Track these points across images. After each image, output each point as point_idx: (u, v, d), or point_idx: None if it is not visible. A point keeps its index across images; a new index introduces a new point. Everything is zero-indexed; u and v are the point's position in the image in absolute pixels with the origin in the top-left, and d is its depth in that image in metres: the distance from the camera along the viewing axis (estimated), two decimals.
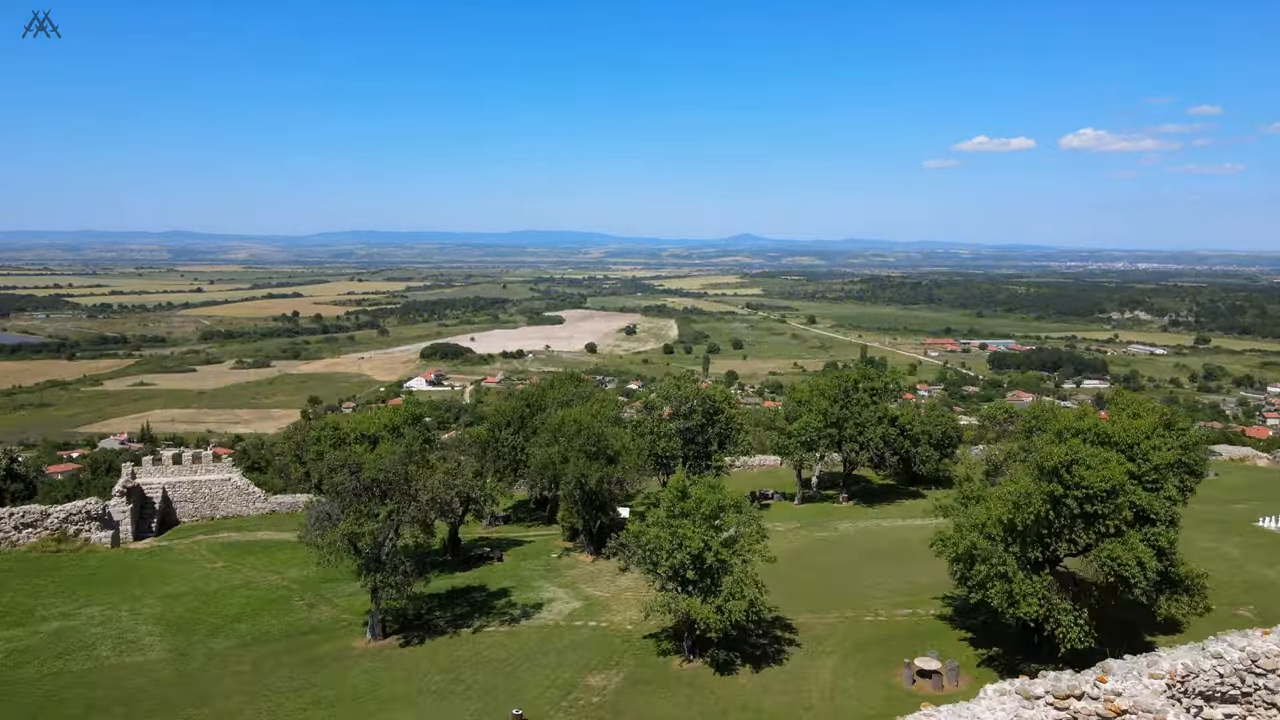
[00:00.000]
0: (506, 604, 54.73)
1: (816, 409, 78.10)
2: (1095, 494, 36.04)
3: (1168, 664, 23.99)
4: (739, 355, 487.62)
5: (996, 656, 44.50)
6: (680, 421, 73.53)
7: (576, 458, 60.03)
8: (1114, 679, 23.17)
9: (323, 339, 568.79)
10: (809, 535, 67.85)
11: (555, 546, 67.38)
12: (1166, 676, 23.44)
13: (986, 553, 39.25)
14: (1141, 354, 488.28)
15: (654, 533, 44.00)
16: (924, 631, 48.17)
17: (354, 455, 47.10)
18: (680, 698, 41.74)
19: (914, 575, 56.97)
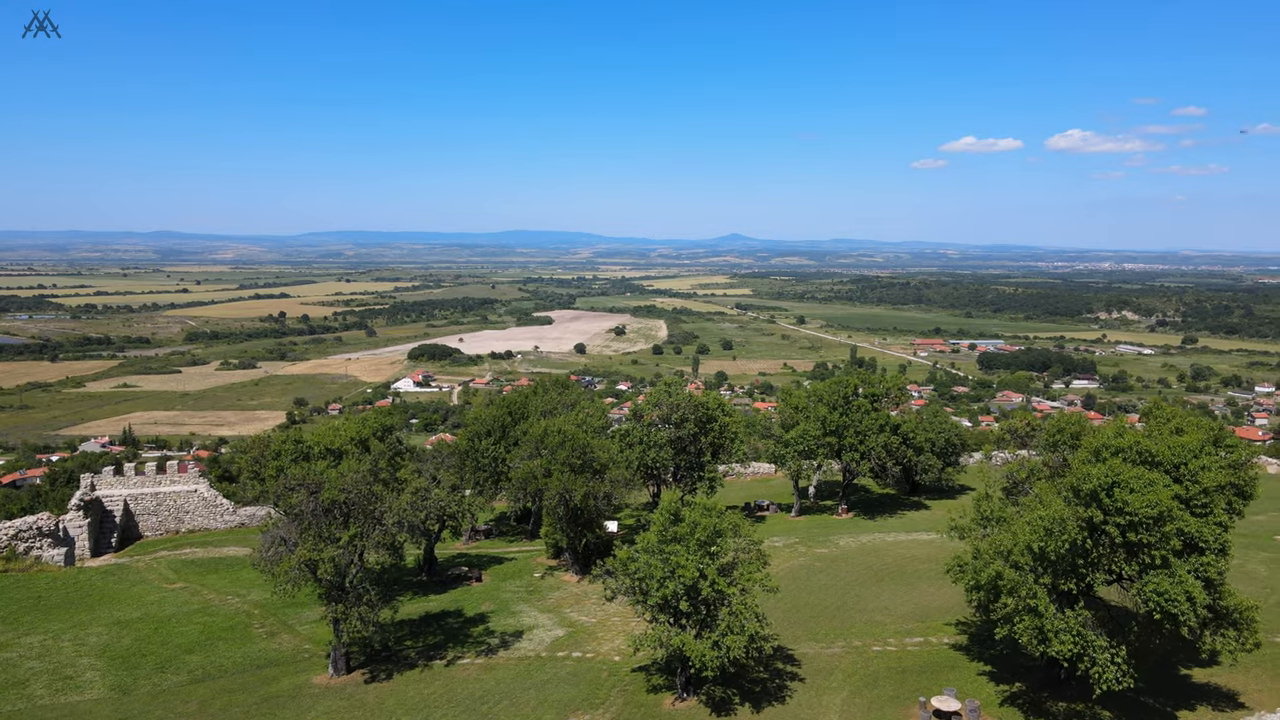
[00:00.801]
0: (484, 632, 50.46)
1: (814, 416, 74.14)
2: (1140, 521, 32.13)
3: None
4: (728, 356, 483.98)
5: (1020, 694, 40.52)
6: (671, 430, 69.42)
7: (560, 471, 55.83)
8: None
9: (310, 340, 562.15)
10: (808, 552, 63.82)
11: (538, 565, 63.14)
12: None
13: (1014, 584, 35.26)
14: (1130, 354, 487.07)
15: (644, 560, 39.86)
16: (938, 663, 44.18)
17: (313, 473, 42.78)
18: None
19: (923, 598, 53.03)
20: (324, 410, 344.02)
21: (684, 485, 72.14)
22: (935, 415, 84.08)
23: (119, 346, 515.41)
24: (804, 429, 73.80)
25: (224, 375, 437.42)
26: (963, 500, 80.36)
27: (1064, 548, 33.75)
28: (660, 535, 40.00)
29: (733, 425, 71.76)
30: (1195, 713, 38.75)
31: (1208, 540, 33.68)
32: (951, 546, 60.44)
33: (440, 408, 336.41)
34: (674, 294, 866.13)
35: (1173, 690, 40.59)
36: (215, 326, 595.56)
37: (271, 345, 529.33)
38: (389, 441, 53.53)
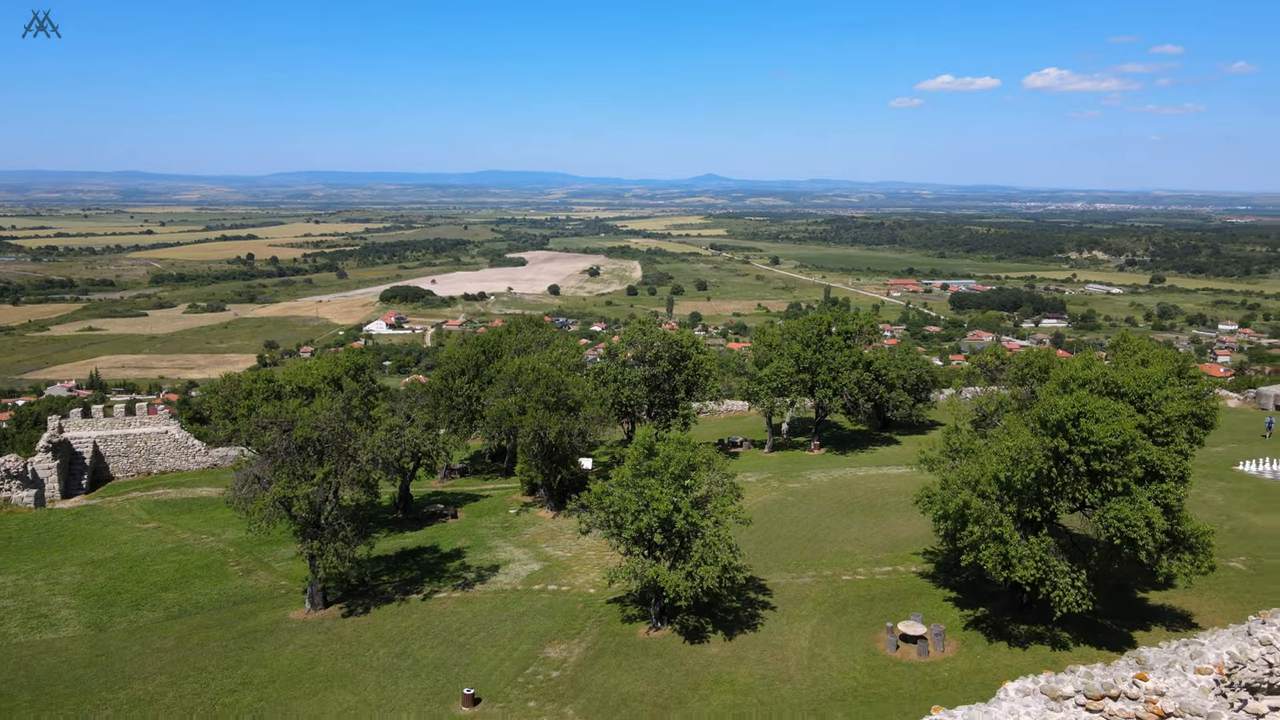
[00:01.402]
0: (460, 566, 50.98)
1: (788, 354, 74.52)
2: (1104, 450, 32.80)
3: (1213, 655, 20.74)
4: (703, 296, 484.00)
5: (984, 618, 41.71)
6: (645, 368, 69.55)
7: (535, 409, 55.91)
8: (1155, 675, 19.88)
9: (279, 282, 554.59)
10: (780, 486, 64.73)
11: (513, 502, 63.62)
12: (1214, 671, 20.20)
13: (980, 513, 36.02)
14: (1098, 293, 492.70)
15: (619, 494, 40.23)
16: (906, 591, 45.29)
17: (285, 412, 42.53)
18: (647, 670, 38.47)
19: (893, 529, 54.12)
20: (295, 353, 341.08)
21: (658, 422, 72.56)
22: (907, 353, 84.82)
23: (82, 289, 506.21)
24: (777, 366, 74.23)
25: (192, 318, 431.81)
26: (933, 435, 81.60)
27: (1030, 477, 34.45)
28: (635, 469, 40.34)
29: (706, 363, 72.05)
30: (1150, 633, 40.12)
31: (1168, 468, 34.50)
32: (921, 480, 61.57)
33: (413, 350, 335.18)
34: (648, 234, 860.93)
35: (1129, 612, 41.98)
36: (181, 269, 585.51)
37: (240, 288, 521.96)
38: (362, 380, 53.22)
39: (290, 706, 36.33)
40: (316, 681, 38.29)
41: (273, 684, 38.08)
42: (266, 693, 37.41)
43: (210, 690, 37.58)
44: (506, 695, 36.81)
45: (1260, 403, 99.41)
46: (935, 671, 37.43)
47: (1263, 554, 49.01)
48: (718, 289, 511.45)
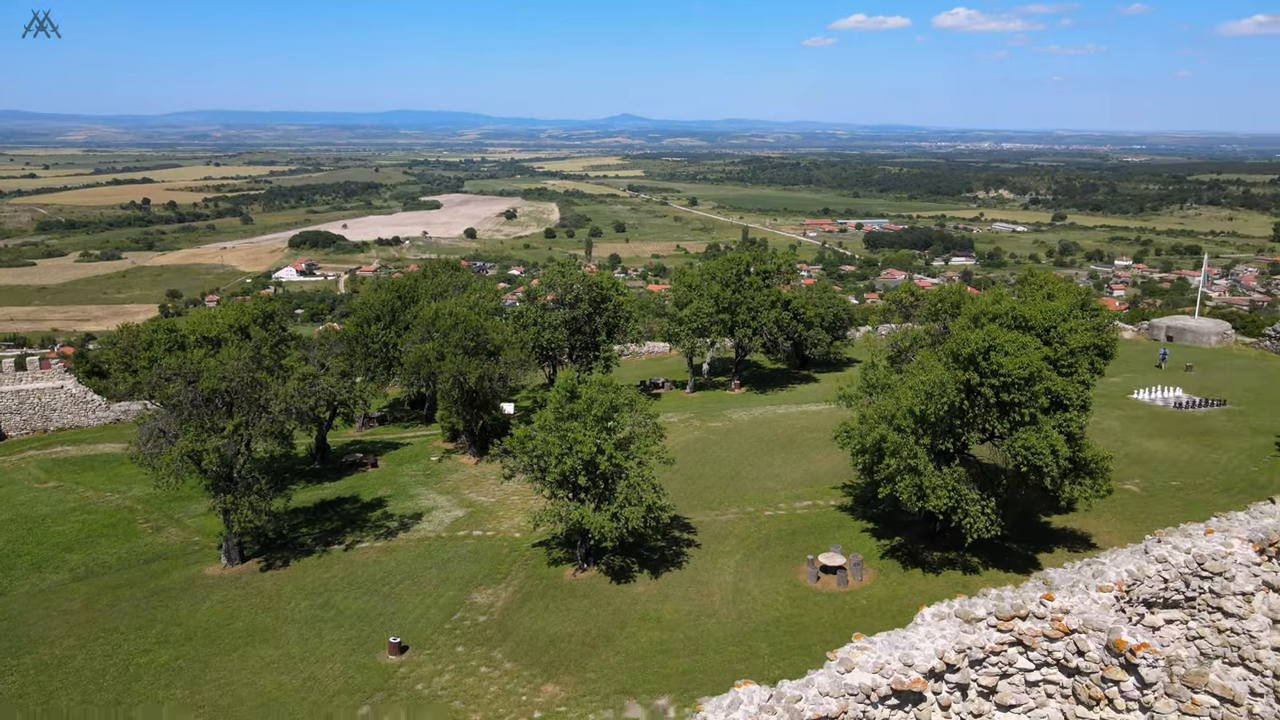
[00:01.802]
0: (382, 516, 50.26)
1: (708, 294, 74.80)
2: (1012, 382, 33.89)
3: (1114, 573, 21.77)
4: (621, 238, 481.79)
5: (899, 547, 43.18)
6: (566, 311, 68.91)
7: (453, 354, 54.95)
8: (1060, 595, 20.80)
9: (179, 228, 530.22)
10: (703, 426, 65.44)
11: (435, 449, 62.83)
12: (1115, 588, 21.24)
13: (896, 446, 36.98)
14: (1004, 231, 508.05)
15: (541, 437, 39.98)
16: (826, 524, 46.52)
17: (190, 362, 40.78)
18: (575, 611, 38.77)
19: (813, 464, 55.34)
20: (200, 302, 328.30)
21: (580, 365, 72.32)
22: (824, 291, 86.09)
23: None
24: (697, 307, 74.49)
25: (85, 267, 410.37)
26: (850, 372, 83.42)
27: (943, 410, 35.43)
28: (557, 412, 40.09)
29: (627, 305, 71.83)
30: (1053, 554, 42.18)
31: (1071, 398, 35.88)
32: (839, 415, 62.92)
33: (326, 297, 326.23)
34: (565, 176, 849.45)
35: (1034, 536, 43.99)
36: (71, 215, 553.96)
37: (137, 234, 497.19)
38: (272, 328, 51.38)
39: (209, 663, 35.53)
40: (236, 637, 37.48)
41: (189, 641, 37.13)
42: (183, 650, 36.46)
43: (123, 651, 36.43)
44: (434, 642, 36.67)
45: (1152, 334, 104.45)
46: (854, 600, 38.67)
47: (1154, 476, 51.82)
48: (636, 231, 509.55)
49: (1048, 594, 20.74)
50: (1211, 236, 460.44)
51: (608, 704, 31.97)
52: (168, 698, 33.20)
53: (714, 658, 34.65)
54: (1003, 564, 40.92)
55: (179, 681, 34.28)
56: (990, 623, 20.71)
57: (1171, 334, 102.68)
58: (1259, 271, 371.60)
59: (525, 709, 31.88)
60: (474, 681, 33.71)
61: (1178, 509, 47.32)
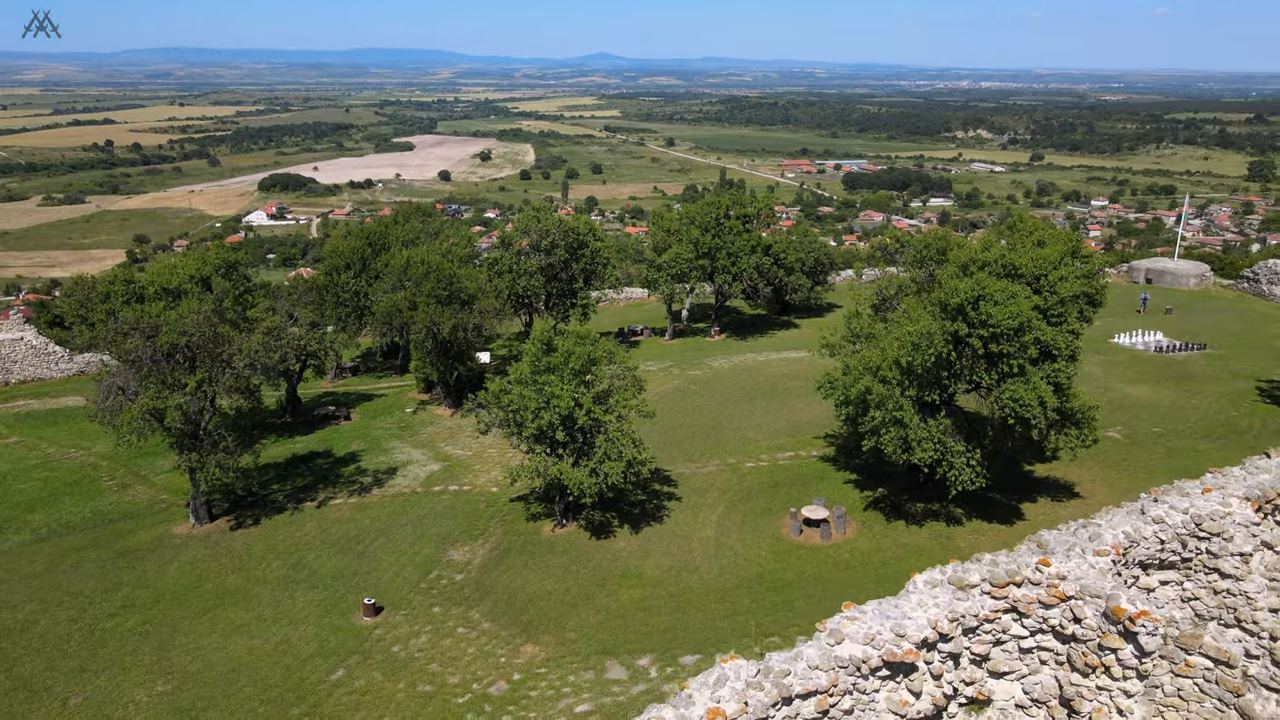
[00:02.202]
0: (356, 471, 49.11)
1: (687, 239, 73.24)
2: (1002, 332, 32.96)
3: (1110, 536, 21.09)
4: (598, 180, 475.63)
5: (883, 499, 42.68)
6: (542, 258, 67.19)
7: (426, 304, 53.33)
8: (1056, 560, 20.08)
9: (145, 171, 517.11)
10: (682, 374, 64.46)
11: (409, 400, 61.50)
12: (1112, 552, 20.55)
13: (881, 398, 36.14)
14: (982, 172, 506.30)
15: (517, 391, 38.78)
16: (808, 475, 45.90)
17: (149, 316, 39.01)
18: (554, 568, 38.04)
19: (794, 414, 54.60)
20: (169, 247, 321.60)
21: (556, 313, 70.91)
22: (805, 235, 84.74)
23: None
24: (676, 252, 73.00)
25: (48, 211, 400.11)
26: (831, 318, 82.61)
27: (930, 361, 34.53)
28: (533, 365, 38.85)
29: (604, 250, 70.16)
30: (1036, 504, 41.90)
31: (1060, 348, 35.09)
32: (821, 364, 62.18)
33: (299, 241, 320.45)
34: (540, 116, 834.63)
35: (1017, 485, 43.63)
36: (31, 157, 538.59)
37: (101, 178, 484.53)
38: (235, 278, 49.45)
39: (178, 627, 34.57)
40: (205, 599, 36.47)
41: (157, 605, 36.10)
42: (151, 614, 35.44)
43: (88, 615, 35.36)
44: (410, 602, 35.87)
45: (1131, 276, 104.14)
46: (837, 553, 38.18)
47: (1136, 423, 51.57)
48: (613, 172, 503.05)
49: (1043, 559, 20.01)
50: (1187, 176, 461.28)
51: (588, 664, 31.38)
52: (135, 664, 32.26)
53: (696, 615, 34.09)
54: (986, 515, 40.55)
55: (146, 647, 33.33)
56: (984, 589, 19.99)
57: (1150, 276, 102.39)
58: (1233, 211, 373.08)
59: (504, 670, 31.24)
60: (451, 643, 32.98)
61: (1160, 455, 47.18)
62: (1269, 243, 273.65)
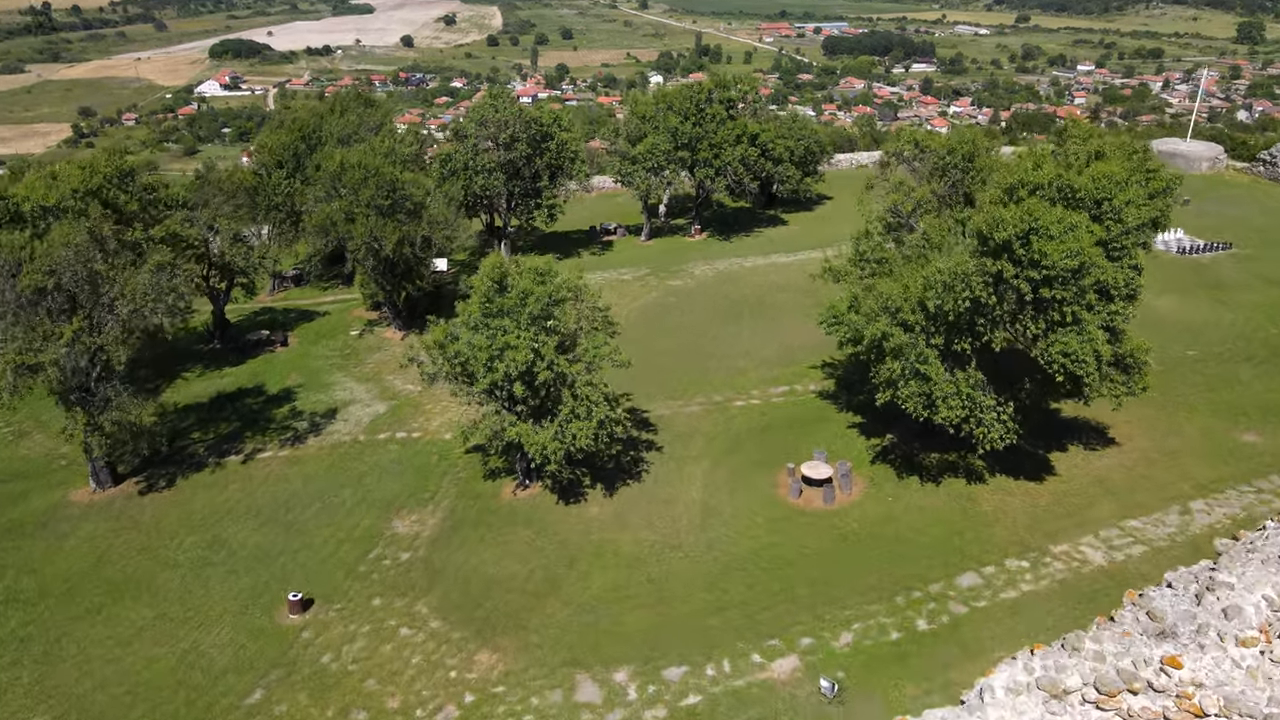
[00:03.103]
0: (290, 413, 42.96)
1: (664, 127, 65.27)
2: (1057, 275, 26.81)
3: (1253, 611, 15.60)
4: (569, 46, 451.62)
5: (892, 448, 37.24)
6: (501, 153, 59.22)
7: (365, 215, 46.00)
8: (1187, 656, 14.65)
9: (87, 37, 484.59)
10: (661, 284, 57.97)
11: (355, 319, 54.77)
12: (1261, 639, 15.12)
13: (902, 347, 30.22)
14: (967, 34, 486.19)
15: (466, 338, 32.39)
16: (805, 417, 40.34)
17: (10, 248, 31.85)
18: (516, 544, 32.67)
19: (786, 335, 48.57)
20: (118, 121, 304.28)
21: (520, 214, 63.53)
22: (794, 121, 76.56)
23: None
24: (653, 142, 65.17)
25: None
26: (822, 212, 75.72)
27: (964, 306, 28.47)
28: (483, 307, 32.32)
29: (572, 142, 62.06)
30: (1068, 454, 36.79)
31: (1119, 287, 29.08)
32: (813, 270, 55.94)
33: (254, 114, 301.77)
34: None
35: (1043, 429, 38.09)
36: None
37: (40, 45, 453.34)
38: (133, 190, 41.74)
39: (67, 630, 29.16)
40: (102, 590, 30.95)
41: (44, 600, 30.57)
42: (36, 612, 29.97)
43: None
44: (346, 591, 30.55)
45: None
46: (844, 522, 33.01)
47: (1169, 345, 46.05)
48: (584, 37, 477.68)
49: (1171, 658, 14.46)
50: (1174, 39, 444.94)
51: (554, 679, 26.41)
52: (11, 685, 26.96)
53: (680, 608, 29.05)
54: (1011, 468, 35.28)
55: (27, 658, 28.01)
56: (1088, 697, 14.58)
57: (1160, 159, 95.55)
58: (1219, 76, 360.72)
59: (454, 689, 26.23)
60: (392, 650, 27.83)
61: (1199, 388, 42.06)
62: (1255, 110, 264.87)
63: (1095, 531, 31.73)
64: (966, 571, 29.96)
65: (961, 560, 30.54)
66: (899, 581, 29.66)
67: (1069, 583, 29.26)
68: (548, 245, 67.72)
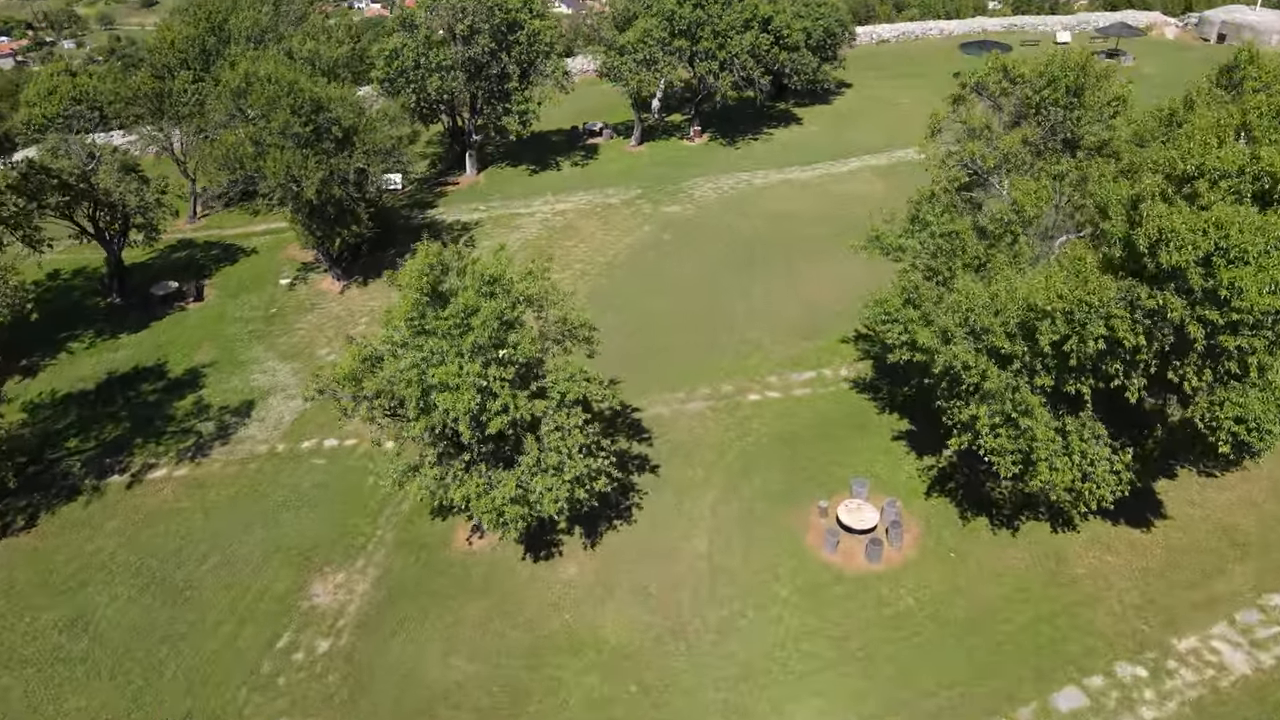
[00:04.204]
0: (194, 408, 34.46)
1: (659, 10, 53.97)
2: (1247, 320, 18.07)
3: None
4: None
5: (948, 473, 29.11)
6: (461, 49, 48.22)
7: (278, 147, 36.08)
8: None
9: None
10: (654, 212, 48.38)
11: (288, 262, 45.43)
12: None
13: (995, 390, 21.68)
14: None
15: (391, 369, 23.61)
16: (837, 420, 32.01)
17: None
18: (467, 626, 24.97)
19: (809, 290, 39.63)
20: None
21: (487, 117, 53.07)
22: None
23: None
24: (644, 29, 54.02)
25: None
26: (841, 106, 65.06)
27: (1096, 349, 19.81)
28: (414, 322, 23.37)
29: (546, 33, 50.80)
30: (1176, 481, 28.77)
31: None
32: (839, 191, 47.27)
33: None
34: None
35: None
36: None
37: None
38: None
39: None
40: None
41: None
42: None
43: None
44: (240, 711, 23.01)
45: (1201, 32, 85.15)
46: (895, 595, 25.26)
47: None
48: None
49: None
50: None
51: None
52: None
53: None
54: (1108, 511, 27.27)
55: None
56: None
57: (1225, 31, 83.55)
58: None
59: None
60: None
61: None
62: None
63: (1230, 615, 24.16)
64: (1066, 686, 22.51)
65: (1056, 664, 23.04)
66: (973, 701, 22.25)
67: (1206, 707, 21.88)
68: (521, 152, 57.67)
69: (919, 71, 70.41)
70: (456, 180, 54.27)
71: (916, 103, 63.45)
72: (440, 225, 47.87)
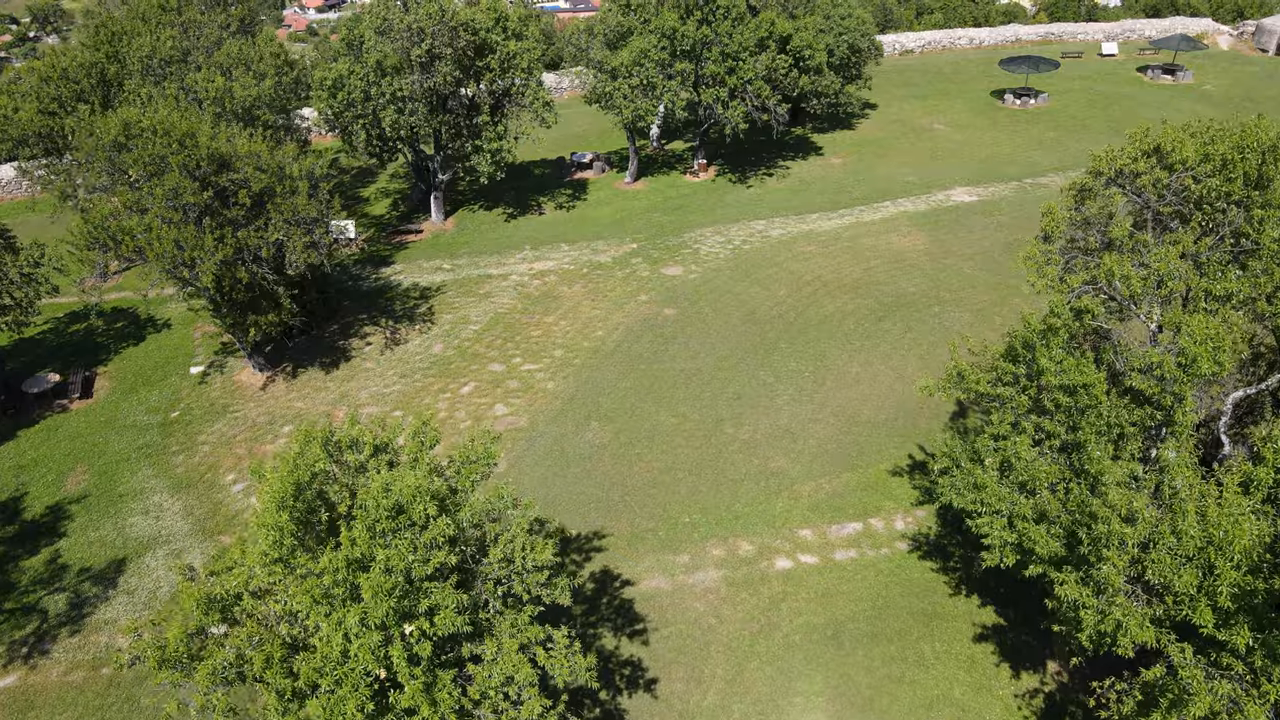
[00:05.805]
0: (46, 573, 26.22)
1: (658, 28, 45.68)
2: None
3: None
4: None
5: (1063, 703, 21.06)
6: (418, 76, 39.75)
7: (164, 220, 27.84)
8: None
9: None
10: (652, 279, 40.10)
11: (205, 340, 37.20)
12: None
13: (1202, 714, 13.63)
14: None
15: (241, 640, 15.49)
16: (894, 606, 23.85)
17: None
18: None
19: (843, 389, 31.41)
20: None
21: (455, 153, 44.83)
22: (833, 5, 55.81)
23: None
24: (642, 49, 45.76)
25: None
26: (866, 131, 56.86)
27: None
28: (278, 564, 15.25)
29: (523, 57, 42.37)
30: None
31: None
32: (867, 243, 40.33)
33: None
34: None
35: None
36: None
37: None
38: None
39: None
40: None
41: None
42: None
43: None
44: None
45: (1258, 41, 76.88)
46: None
47: None
48: None
49: None
50: None
51: None
52: None
53: None
54: None
55: None
56: None
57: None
58: None
59: None
60: None
61: None
62: None
63: None
64: None
65: None
66: None
67: None
68: (498, 190, 49.64)
69: (952, 90, 62.19)
70: (420, 228, 46.06)
71: (953, 127, 55.51)
72: (395, 292, 39.68)
